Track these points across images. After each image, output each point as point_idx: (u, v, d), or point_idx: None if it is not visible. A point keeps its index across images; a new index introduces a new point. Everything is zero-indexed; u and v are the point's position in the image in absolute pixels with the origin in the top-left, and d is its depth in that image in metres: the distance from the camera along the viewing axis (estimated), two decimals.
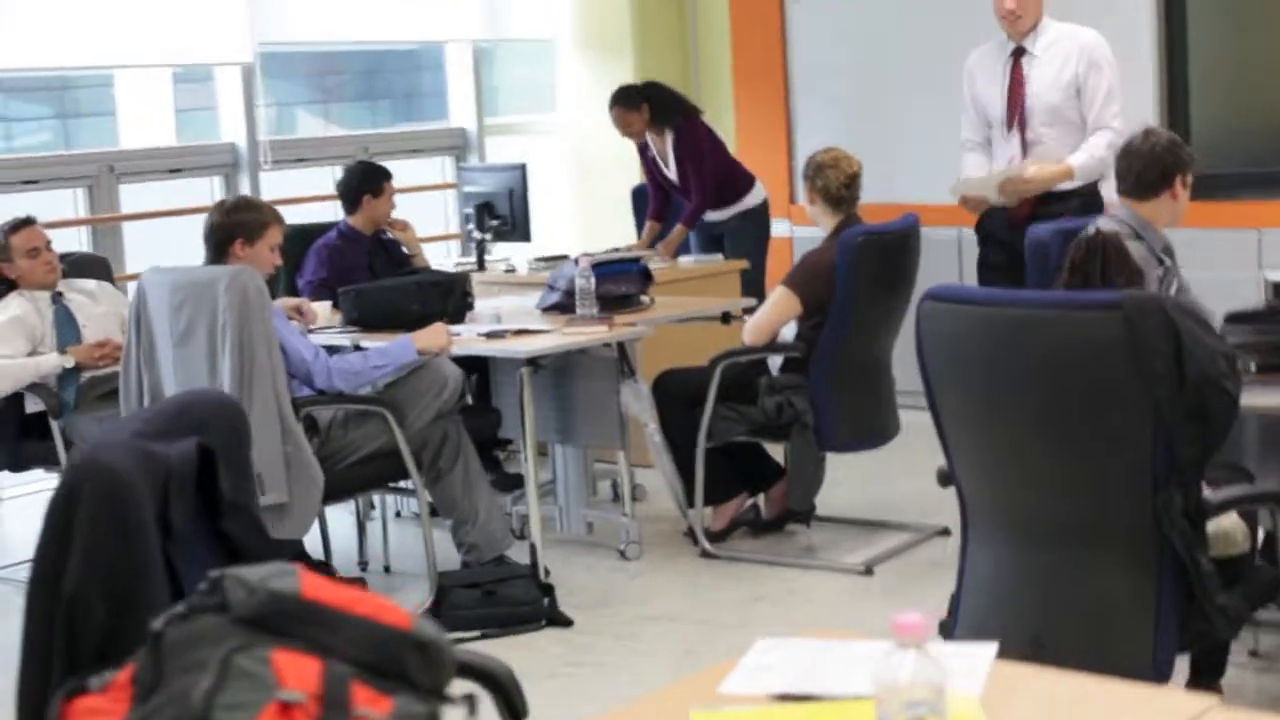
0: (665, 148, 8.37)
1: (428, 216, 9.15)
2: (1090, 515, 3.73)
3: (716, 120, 9.09)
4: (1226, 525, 3.96)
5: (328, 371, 5.69)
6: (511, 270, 8.12)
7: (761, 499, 6.72)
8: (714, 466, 6.45)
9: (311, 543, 6.27)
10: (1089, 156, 6.47)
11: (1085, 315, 3.60)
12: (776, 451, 6.64)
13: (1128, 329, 3.50)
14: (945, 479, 4.08)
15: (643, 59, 9.57)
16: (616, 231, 8.95)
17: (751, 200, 8.38)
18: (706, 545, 6.42)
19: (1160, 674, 3.71)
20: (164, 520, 2.52)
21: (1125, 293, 3.57)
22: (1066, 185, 6.53)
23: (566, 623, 5.73)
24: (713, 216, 8.33)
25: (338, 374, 5.70)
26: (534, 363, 6.05)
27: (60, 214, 7.94)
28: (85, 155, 8.42)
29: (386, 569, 6.55)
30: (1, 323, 6.33)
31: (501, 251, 8.46)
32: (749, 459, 6.66)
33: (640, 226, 8.81)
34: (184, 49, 8.29)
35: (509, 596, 5.75)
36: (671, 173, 8.34)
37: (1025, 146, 6.58)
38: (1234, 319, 4.97)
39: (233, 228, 5.82)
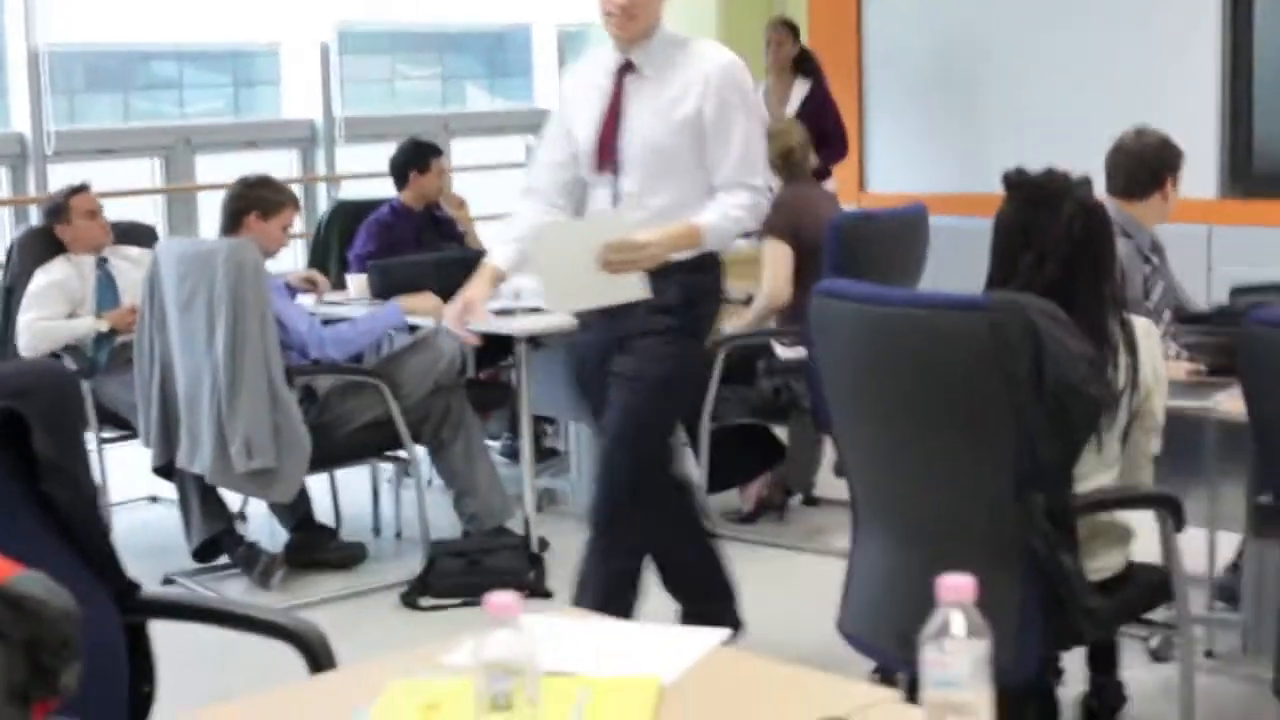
0: (786, 95, 8.55)
1: (507, 196, 9.32)
2: (957, 514, 3.77)
3: None
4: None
5: (321, 341, 5.92)
6: None
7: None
8: (730, 448, 6.56)
9: (323, 508, 6.50)
10: (722, 217, 4.53)
11: (952, 316, 3.64)
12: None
13: (992, 331, 3.54)
14: (839, 470, 4.16)
15: (728, 39, 9.63)
16: None
17: (830, 186, 8.44)
18: (709, 525, 6.51)
19: (1025, 672, 3.75)
20: None
21: (992, 295, 3.61)
22: (683, 255, 4.56)
23: (547, 594, 5.88)
24: None
25: (331, 343, 5.94)
26: (535, 341, 6.20)
27: (136, 183, 8.25)
28: (161, 128, 8.73)
29: (398, 535, 6.75)
30: (43, 286, 6.62)
31: None
32: (767, 439, 6.76)
33: None
34: (261, 27, 8.56)
35: (494, 566, 5.92)
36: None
37: (616, 198, 4.61)
38: (1185, 320, 4.98)
39: (252, 200, 6.06)
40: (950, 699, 1.97)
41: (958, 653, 1.99)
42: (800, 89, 8.52)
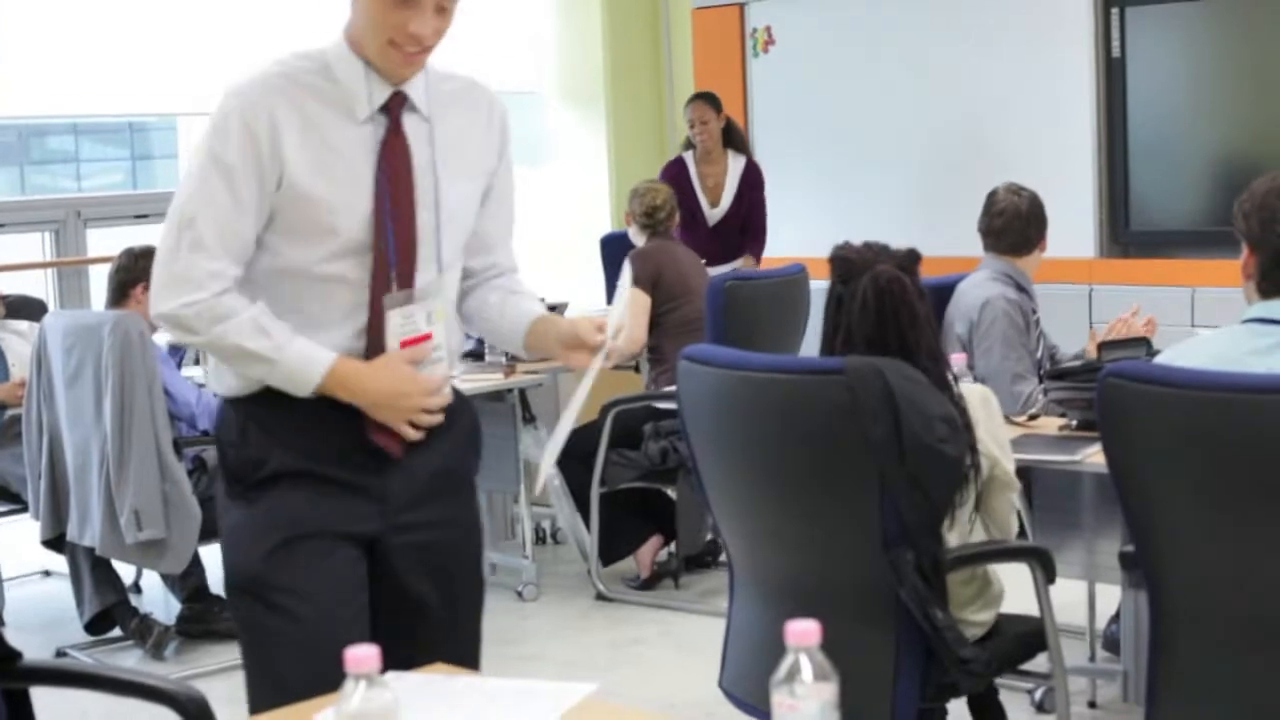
0: (719, 170, 8.52)
1: None
2: (827, 572, 3.82)
3: None
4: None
5: (209, 412, 5.92)
6: None
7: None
8: (619, 513, 6.62)
9: (216, 578, 6.49)
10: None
11: (810, 380, 3.70)
12: None
13: (850, 394, 3.60)
14: (715, 530, 4.23)
15: (616, 113, 9.78)
16: (587, 281, 9.13)
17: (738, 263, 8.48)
18: (601, 588, 6.59)
19: None
20: None
21: (848, 359, 3.68)
22: None
23: None
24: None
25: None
26: None
27: (27, 257, 8.23)
28: (51, 200, 8.73)
29: None
30: None
31: None
32: (658, 503, 6.82)
33: (610, 277, 8.93)
34: (158, 99, 8.60)
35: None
36: (712, 206, 8.44)
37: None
38: (1054, 375, 5.08)
39: (138, 273, 6.07)
40: None
41: (807, 697, 2.06)
42: (735, 166, 8.54)
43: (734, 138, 8.57)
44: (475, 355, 6.74)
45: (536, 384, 6.60)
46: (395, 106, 3.02)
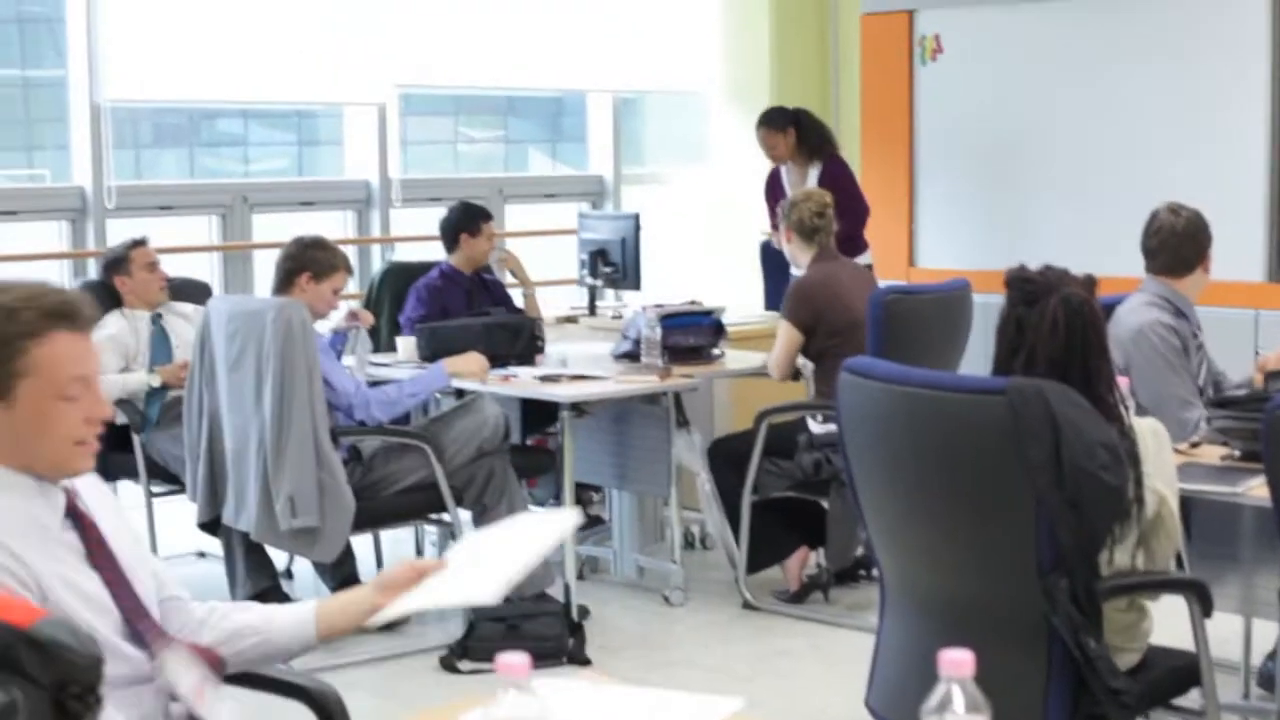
0: (805, 177, 8.51)
1: (560, 261, 9.43)
2: (980, 594, 3.79)
3: None
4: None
5: (367, 403, 5.99)
6: (618, 317, 8.33)
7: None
8: (768, 523, 6.58)
9: (367, 569, 6.57)
10: None
11: (972, 398, 3.66)
12: None
13: (1011, 415, 3.56)
14: (869, 546, 4.19)
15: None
16: (745, 285, 9.11)
17: (863, 260, 8.47)
18: (748, 597, 6.56)
19: None
20: None
21: (1011, 379, 3.64)
22: None
23: (585, 661, 5.91)
24: None
25: (376, 405, 6.00)
26: (578, 408, 6.27)
27: (194, 240, 8.37)
28: (219, 185, 8.86)
29: None
30: (97, 340, 6.70)
31: (630, 298, 8.72)
32: (809, 514, 6.76)
33: (770, 285, 8.91)
34: (321, 89, 8.71)
35: (533, 632, 5.94)
36: None
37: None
38: (1218, 403, 4.98)
39: (305, 261, 6.12)
40: None
41: None
42: (813, 174, 8.51)
43: (806, 147, 8.53)
44: (631, 356, 6.75)
45: (692, 387, 6.58)
46: (72, 504, 2.84)
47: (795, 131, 8.49)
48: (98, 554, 2.81)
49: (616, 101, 9.95)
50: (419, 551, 6.96)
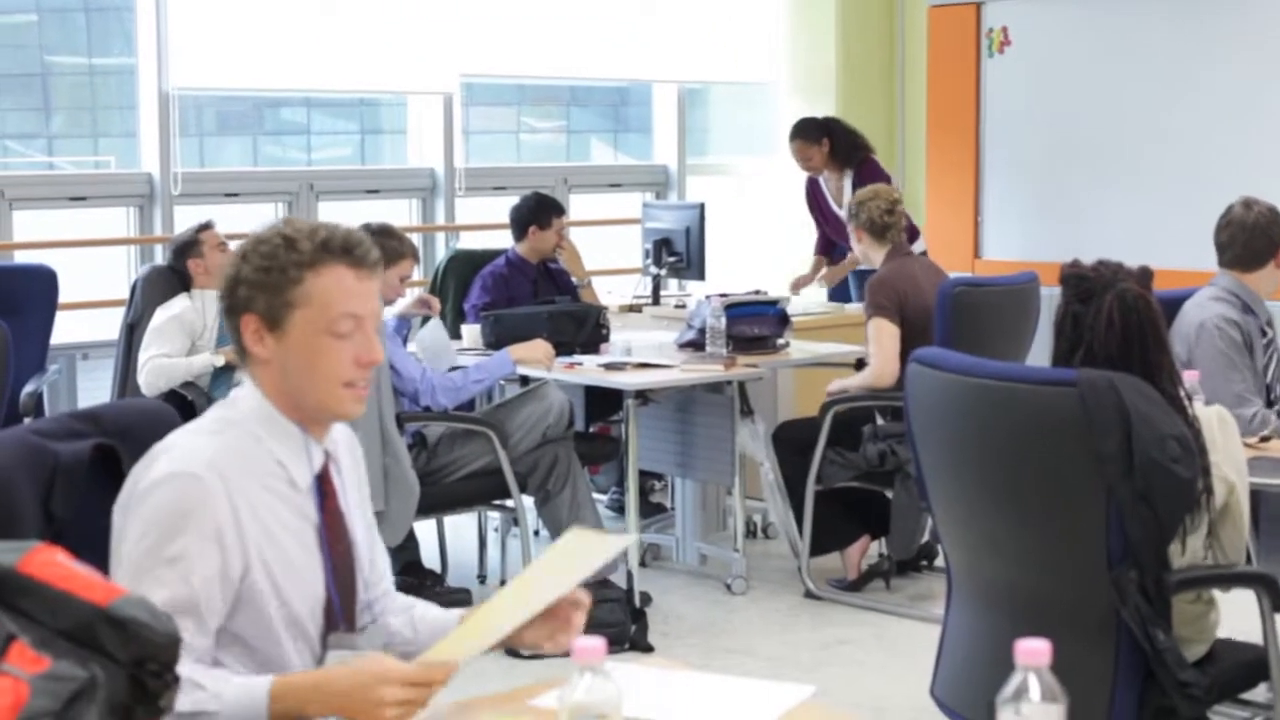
0: (841, 185, 8.53)
1: (624, 249, 9.45)
2: (1049, 585, 3.78)
3: (911, 170, 9.24)
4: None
5: (433, 389, 6.02)
6: (682, 306, 8.34)
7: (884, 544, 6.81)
8: (830, 511, 6.58)
9: (431, 553, 6.60)
10: None
11: (1042, 390, 3.66)
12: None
13: (1081, 407, 3.55)
14: (936, 536, 4.19)
15: (848, 107, 9.74)
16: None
17: (916, 249, 8.45)
18: (811, 586, 6.56)
19: None
20: (47, 510, 2.80)
21: (1081, 370, 3.62)
22: None
23: (647, 648, 5.92)
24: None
25: (441, 391, 6.03)
26: (642, 396, 6.29)
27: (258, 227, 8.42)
28: (285, 173, 8.92)
29: (503, 583, 6.82)
30: (163, 322, 6.77)
31: (693, 288, 8.74)
32: (872, 503, 6.76)
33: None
34: (388, 78, 8.76)
35: (596, 619, 5.90)
36: (844, 212, 8.50)
37: None
38: None
39: None
40: None
41: (1034, 717, 2.02)
42: (847, 184, 8.51)
43: (839, 156, 8.54)
44: (695, 345, 6.75)
45: (757, 377, 6.59)
46: (326, 469, 2.82)
47: (829, 142, 8.49)
48: (330, 530, 2.79)
49: (682, 92, 9.95)
50: (481, 538, 6.97)
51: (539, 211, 7.55)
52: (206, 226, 7.06)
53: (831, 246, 8.75)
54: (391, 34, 8.58)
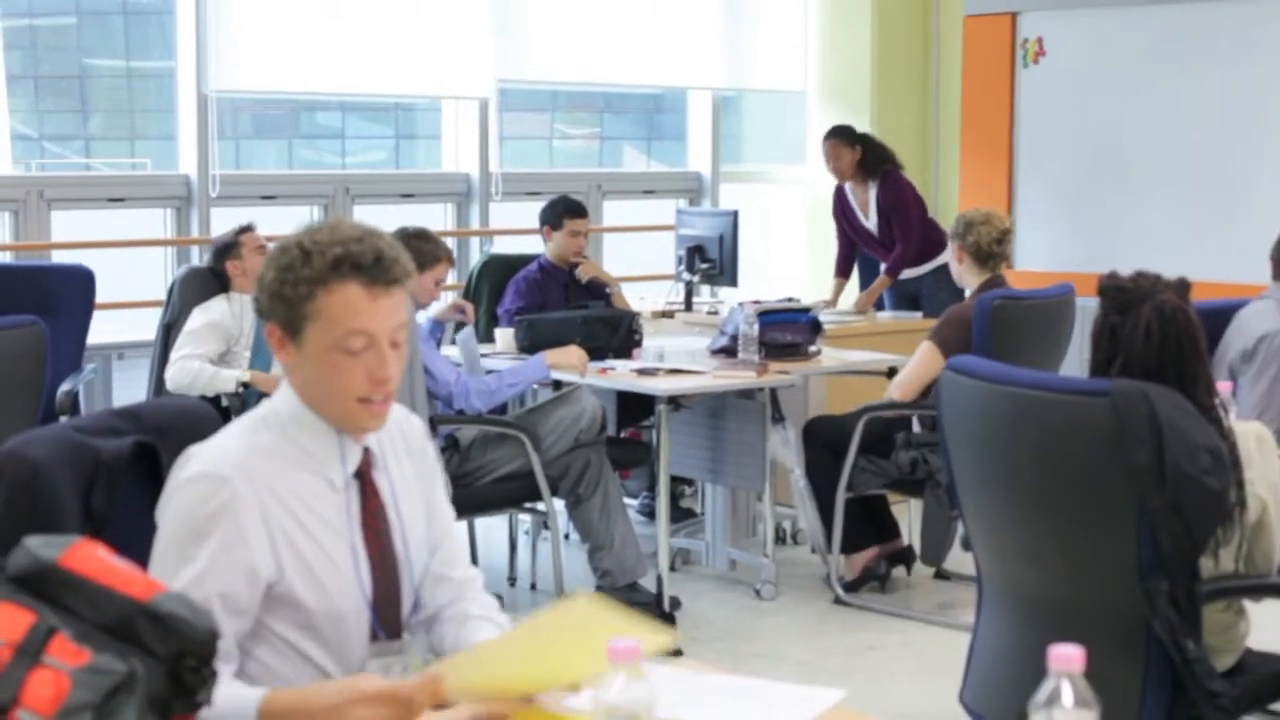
0: (866, 197, 8.58)
1: (658, 255, 9.48)
2: (1079, 594, 3.79)
3: (945, 179, 9.24)
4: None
5: (466, 392, 6.04)
6: (714, 313, 8.36)
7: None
8: (852, 517, 6.61)
9: None
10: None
11: (1075, 400, 3.67)
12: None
13: (1114, 417, 3.56)
14: (966, 544, 4.21)
15: (881, 115, 9.77)
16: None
17: (946, 257, 8.45)
18: (840, 592, 6.58)
19: None
20: (88, 506, 2.84)
21: (1114, 381, 3.64)
22: None
23: (676, 652, 5.92)
24: (908, 274, 8.50)
25: (475, 394, 6.06)
26: (674, 401, 6.31)
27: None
28: (322, 176, 8.97)
29: (533, 586, 6.86)
30: (199, 325, 6.80)
31: (726, 295, 8.77)
32: (878, 511, 6.80)
33: (864, 283, 8.94)
34: (423, 83, 8.80)
35: None
36: (869, 223, 8.54)
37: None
38: None
39: (409, 252, 6.17)
40: None
41: None
42: (871, 193, 8.57)
43: (866, 167, 8.59)
44: (727, 352, 6.77)
45: (789, 384, 6.61)
46: (366, 467, 2.82)
47: (862, 149, 8.53)
48: (370, 528, 2.79)
49: (716, 99, 9.97)
50: (512, 541, 6.99)
51: (549, 213, 7.60)
52: (247, 229, 7.11)
53: (849, 264, 8.78)
54: (427, 39, 8.62)
